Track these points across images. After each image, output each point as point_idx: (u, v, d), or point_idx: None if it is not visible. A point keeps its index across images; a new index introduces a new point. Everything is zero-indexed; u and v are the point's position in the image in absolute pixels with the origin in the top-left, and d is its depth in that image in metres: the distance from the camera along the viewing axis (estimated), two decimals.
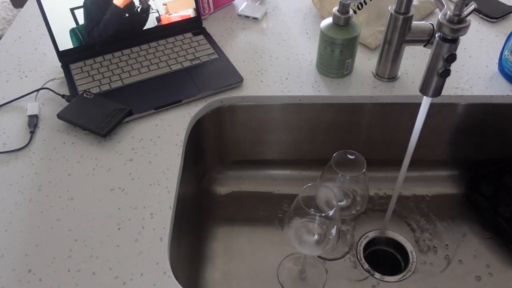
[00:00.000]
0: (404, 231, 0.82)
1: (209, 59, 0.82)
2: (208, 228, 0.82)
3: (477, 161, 0.89)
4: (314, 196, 0.62)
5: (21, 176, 0.64)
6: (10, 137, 0.70)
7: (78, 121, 0.70)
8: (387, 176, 0.89)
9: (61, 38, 0.79)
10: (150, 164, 0.66)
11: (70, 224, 0.59)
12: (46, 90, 0.77)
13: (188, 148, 0.71)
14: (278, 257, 0.78)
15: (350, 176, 0.65)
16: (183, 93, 0.75)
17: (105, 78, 0.78)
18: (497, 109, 0.79)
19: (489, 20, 0.94)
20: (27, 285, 0.53)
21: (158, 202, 0.61)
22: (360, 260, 0.77)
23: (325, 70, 0.80)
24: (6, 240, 0.57)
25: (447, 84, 0.78)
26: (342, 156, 0.66)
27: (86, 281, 0.53)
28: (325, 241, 0.62)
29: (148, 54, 0.82)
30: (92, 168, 0.65)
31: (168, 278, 0.53)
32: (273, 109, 0.79)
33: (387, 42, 0.75)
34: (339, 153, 0.66)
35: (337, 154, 0.66)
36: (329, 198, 0.61)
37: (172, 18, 0.86)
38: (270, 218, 0.84)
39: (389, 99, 0.78)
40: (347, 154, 0.67)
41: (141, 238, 0.57)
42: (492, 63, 0.83)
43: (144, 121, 0.72)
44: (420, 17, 0.93)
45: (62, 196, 0.62)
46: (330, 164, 0.65)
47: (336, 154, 0.66)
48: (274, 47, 0.87)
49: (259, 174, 0.90)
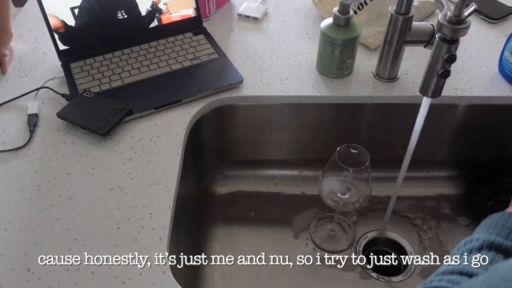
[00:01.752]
0: (404, 232, 0.82)
1: (209, 58, 0.82)
2: (207, 228, 0.82)
3: (477, 162, 0.89)
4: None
5: (21, 175, 0.64)
6: (10, 136, 0.70)
7: (78, 120, 0.70)
8: (387, 177, 0.89)
9: (61, 37, 0.78)
10: (149, 163, 0.66)
11: (70, 223, 0.59)
12: (46, 89, 0.77)
13: (188, 148, 0.71)
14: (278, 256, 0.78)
15: (353, 169, 0.65)
16: (183, 92, 0.75)
17: (105, 77, 0.78)
18: (497, 110, 0.79)
19: (489, 21, 0.94)
20: (26, 284, 0.53)
21: (157, 202, 0.61)
22: (360, 261, 0.77)
23: (325, 70, 0.80)
24: (6, 239, 0.57)
25: (447, 84, 0.78)
26: (345, 150, 0.67)
27: (85, 280, 0.53)
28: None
29: (148, 54, 0.82)
30: (91, 167, 0.65)
31: (167, 277, 0.53)
32: (273, 109, 0.79)
33: (387, 43, 0.75)
34: (343, 147, 0.66)
35: (341, 148, 0.66)
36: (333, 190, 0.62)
37: (172, 17, 0.86)
38: (270, 218, 0.84)
39: (389, 99, 0.78)
40: (350, 148, 0.67)
41: (140, 238, 0.57)
42: (493, 64, 0.83)
43: (144, 121, 0.72)
44: (420, 18, 0.93)
45: (62, 195, 0.62)
46: (334, 158, 0.65)
47: (339, 148, 0.66)
48: (274, 47, 0.87)
49: (259, 174, 0.90)
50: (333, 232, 0.81)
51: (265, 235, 0.81)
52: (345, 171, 0.65)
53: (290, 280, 0.75)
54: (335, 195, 0.69)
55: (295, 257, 0.78)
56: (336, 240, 0.80)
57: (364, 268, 0.76)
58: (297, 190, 0.88)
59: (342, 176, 0.67)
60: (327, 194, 0.70)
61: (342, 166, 0.64)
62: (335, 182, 0.69)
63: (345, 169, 0.65)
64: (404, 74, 0.81)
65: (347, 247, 0.79)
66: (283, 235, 0.81)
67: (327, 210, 0.83)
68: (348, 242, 0.79)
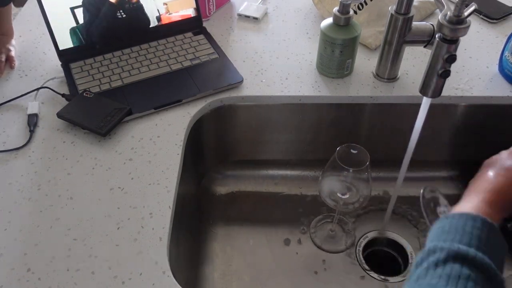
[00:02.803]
0: (404, 232, 0.82)
1: (209, 58, 0.82)
2: (207, 228, 0.82)
3: (477, 162, 0.89)
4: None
5: (21, 175, 0.64)
6: (9, 136, 0.70)
7: (78, 120, 0.70)
8: (387, 177, 0.89)
9: (61, 37, 0.79)
10: (149, 163, 0.66)
11: (70, 223, 0.59)
12: (46, 89, 0.77)
13: (188, 148, 0.71)
14: (278, 257, 0.78)
15: (353, 169, 0.65)
16: (183, 92, 0.75)
17: (105, 77, 0.78)
18: (497, 110, 0.79)
19: (489, 21, 0.94)
20: (26, 284, 0.53)
21: (157, 202, 0.61)
22: (360, 261, 0.77)
23: (325, 70, 0.80)
24: (5, 239, 0.57)
25: (447, 84, 0.78)
26: (345, 150, 0.67)
27: (85, 280, 0.53)
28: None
29: (148, 54, 0.82)
30: (91, 167, 0.65)
31: (167, 277, 0.53)
32: (273, 109, 0.79)
33: (387, 43, 0.75)
34: (343, 147, 0.66)
35: (341, 148, 0.66)
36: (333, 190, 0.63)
37: (172, 17, 0.86)
38: (270, 218, 0.84)
39: (389, 99, 0.78)
40: (350, 148, 0.67)
41: (140, 238, 0.57)
42: (493, 64, 0.83)
43: (144, 121, 0.72)
44: (420, 18, 0.93)
45: (62, 195, 0.62)
46: (334, 158, 0.65)
47: (339, 148, 0.66)
48: (274, 47, 0.87)
49: (259, 174, 0.90)
50: (333, 232, 0.81)
51: (265, 235, 0.81)
52: (345, 171, 0.65)
53: (290, 280, 0.75)
54: (335, 195, 0.69)
55: (295, 257, 0.78)
56: (336, 240, 0.80)
57: (364, 268, 0.76)
58: (297, 190, 0.88)
59: (342, 176, 0.67)
60: (327, 194, 0.70)
61: (342, 166, 0.64)
62: (335, 182, 0.69)
63: (345, 169, 0.65)
64: (404, 74, 0.81)
65: (346, 248, 0.79)
66: (283, 235, 0.81)
67: (327, 210, 0.83)
68: (348, 243, 0.79)
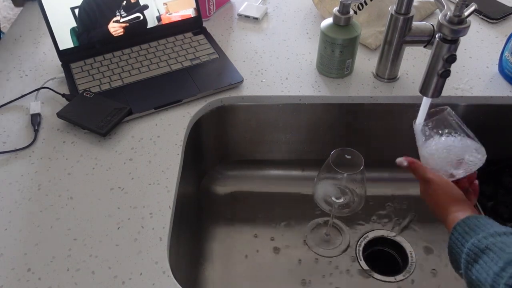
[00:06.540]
0: (404, 232, 0.82)
1: (209, 58, 0.82)
2: (207, 228, 0.82)
3: None
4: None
5: (21, 175, 0.64)
6: (10, 136, 0.70)
7: (78, 120, 0.70)
8: (386, 177, 0.89)
9: (61, 37, 0.79)
10: (149, 163, 0.66)
11: (70, 223, 0.59)
12: (46, 89, 0.77)
13: (188, 148, 0.71)
14: (278, 256, 0.78)
15: (348, 173, 0.65)
16: (183, 92, 0.75)
17: (105, 77, 0.78)
18: (497, 110, 0.79)
19: (489, 21, 0.94)
20: (27, 284, 0.53)
21: (157, 202, 0.61)
22: (360, 261, 0.77)
23: (325, 70, 0.80)
24: (6, 239, 0.57)
25: (447, 84, 0.78)
26: (340, 154, 0.67)
27: (85, 280, 0.53)
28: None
29: (148, 54, 0.82)
30: (91, 167, 0.65)
31: (167, 277, 0.53)
32: (273, 109, 0.79)
33: (387, 43, 0.75)
34: (337, 150, 0.66)
35: (335, 152, 0.66)
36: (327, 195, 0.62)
37: (172, 17, 0.86)
38: (270, 218, 0.84)
39: (389, 99, 0.78)
40: (345, 152, 0.67)
41: (140, 238, 0.57)
42: (493, 64, 0.83)
43: (144, 121, 0.72)
44: (420, 18, 0.93)
45: (62, 195, 0.62)
46: (328, 162, 0.65)
47: (334, 152, 0.66)
48: (274, 47, 0.87)
49: (259, 174, 0.90)
50: (328, 236, 0.80)
51: (265, 235, 0.81)
52: (339, 174, 0.65)
53: (290, 280, 0.75)
54: (330, 199, 0.69)
55: (295, 257, 0.78)
56: (331, 244, 0.79)
57: (364, 268, 0.76)
58: (297, 190, 0.88)
59: (337, 180, 0.67)
60: (322, 198, 0.69)
61: (336, 170, 0.64)
62: (330, 186, 0.68)
63: (339, 172, 0.64)
64: (404, 74, 0.81)
65: (341, 252, 0.78)
66: (283, 235, 0.81)
67: (324, 212, 0.83)
68: (343, 246, 0.79)
